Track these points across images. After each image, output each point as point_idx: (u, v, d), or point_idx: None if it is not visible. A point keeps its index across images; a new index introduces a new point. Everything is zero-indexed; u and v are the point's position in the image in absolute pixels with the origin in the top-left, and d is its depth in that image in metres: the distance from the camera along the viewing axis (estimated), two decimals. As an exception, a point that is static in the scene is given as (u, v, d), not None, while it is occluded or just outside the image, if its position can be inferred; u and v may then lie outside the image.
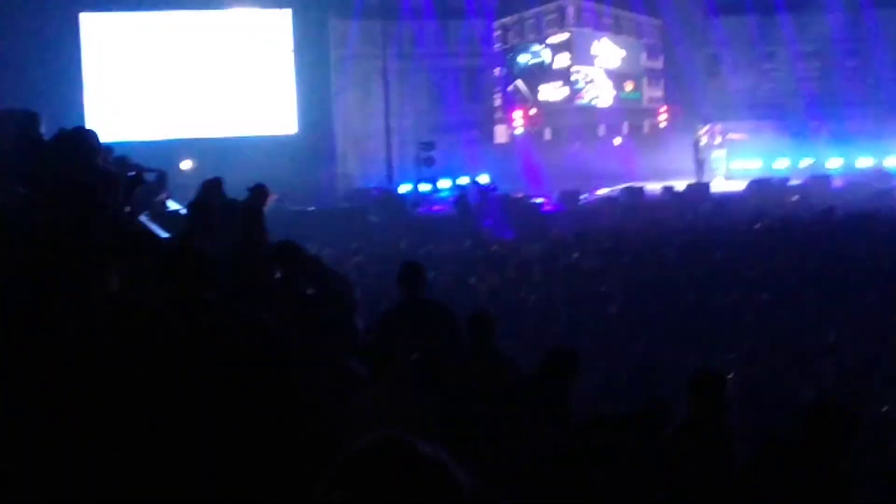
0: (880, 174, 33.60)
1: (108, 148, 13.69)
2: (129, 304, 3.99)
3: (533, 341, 12.80)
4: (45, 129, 12.09)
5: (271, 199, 12.53)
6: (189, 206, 11.48)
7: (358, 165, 33.61)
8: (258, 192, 12.56)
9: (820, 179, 32.74)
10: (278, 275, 8.22)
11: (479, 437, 6.22)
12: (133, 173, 12.16)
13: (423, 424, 5.32)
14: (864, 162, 35.57)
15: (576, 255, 21.36)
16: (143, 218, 12.09)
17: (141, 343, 3.66)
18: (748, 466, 6.45)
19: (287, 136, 32.33)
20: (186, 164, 29.19)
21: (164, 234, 10.92)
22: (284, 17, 31.88)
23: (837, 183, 32.57)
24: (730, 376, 8.92)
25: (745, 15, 37.42)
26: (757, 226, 24.47)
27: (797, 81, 38.36)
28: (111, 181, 7.64)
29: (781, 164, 35.80)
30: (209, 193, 12.84)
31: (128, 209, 10.79)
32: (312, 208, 27.52)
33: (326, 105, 33.16)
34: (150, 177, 14.33)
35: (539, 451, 6.41)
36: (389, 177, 31.55)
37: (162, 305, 4.15)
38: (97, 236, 5.14)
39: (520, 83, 38.06)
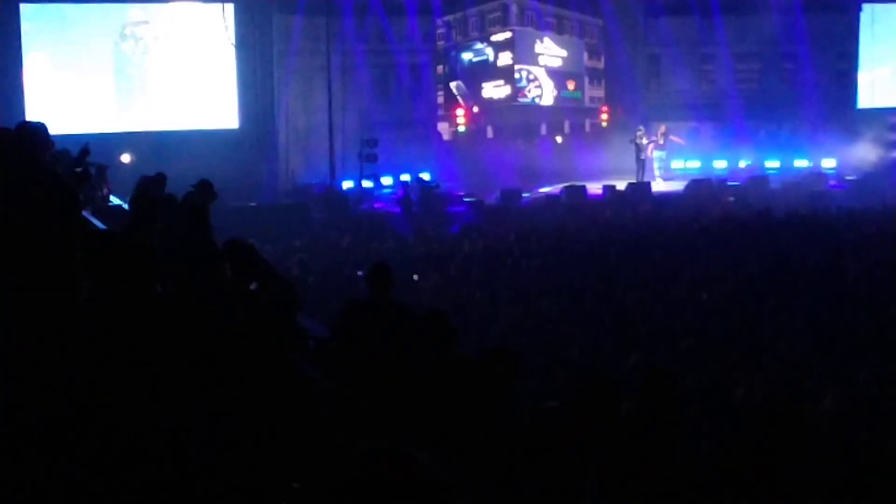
0: (817, 175, 34.11)
1: (51, 141, 13.61)
2: (101, 306, 4.02)
3: (476, 340, 12.87)
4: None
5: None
6: (131, 201, 11.43)
7: (301, 161, 33.55)
8: (203, 188, 12.55)
9: (758, 180, 33.15)
10: (227, 273, 8.22)
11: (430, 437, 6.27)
12: (80, 168, 12.10)
13: (371, 427, 5.37)
14: (801, 163, 36.09)
15: (517, 253, 21.50)
16: (85, 213, 12.03)
17: (109, 346, 3.69)
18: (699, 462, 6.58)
19: (228, 131, 32.23)
20: (126, 158, 28.97)
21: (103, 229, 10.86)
22: (227, 11, 31.72)
23: (775, 184, 32.99)
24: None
25: (686, 16, 37.75)
26: (695, 225, 24.74)
27: (736, 83, 38.78)
28: (62, 181, 7.62)
29: (720, 165, 36.21)
30: (151, 188, 12.81)
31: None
32: (254, 204, 27.44)
33: (269, 100, 33.06)
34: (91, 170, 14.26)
35: (491, 444, 6.48)
36: (332, 173, 31.51)
37: (117, 303, 4.17)
38: (58, 238, 5.14)
39: (454, 86, 38.15)
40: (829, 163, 36.01)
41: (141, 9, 31.76)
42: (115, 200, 15.90)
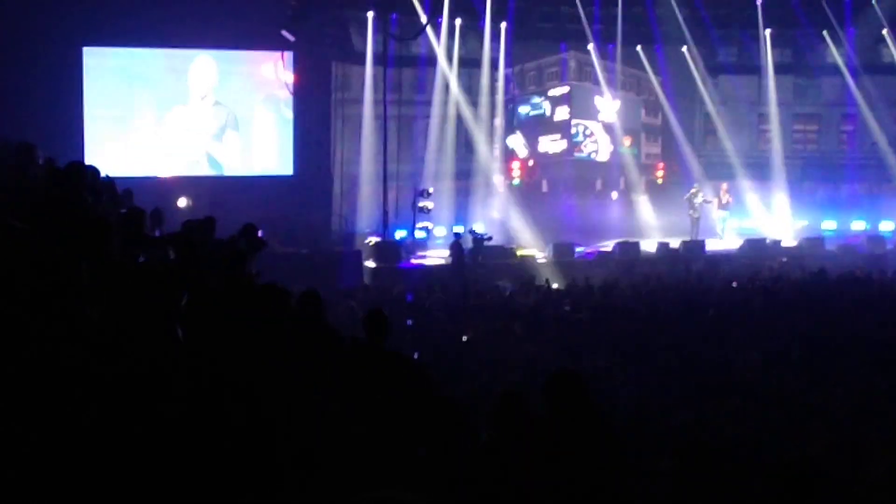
0: (873, 238, 33.73)
1: (111, 181, 13.73)
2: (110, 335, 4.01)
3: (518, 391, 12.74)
4: (44, 162, 12.13)
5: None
6: (173, 241, 11.48)
7: (354, 209, 33.66)
8: (245, 232, 12.59)
9: (813, 241, 32.85)
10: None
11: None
12: (124, 210, 12.18)
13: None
14: (858, 225, 35.71)
15: (567, 307, 21.38)
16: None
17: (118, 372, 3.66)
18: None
19: (284, 177, 32.43)
20: (183, 202, 29.25)
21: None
22: (286, 58, 31.99)
23: (831, 246, 32.67)
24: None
25: (743, 75, 37.69)
26: (749, 285, 24.52)
27: (793, 143, 38.58)
28: (104, 224, 7.65)
29: (776, 225, 35.89)
30: (198, 232, 12.85)
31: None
32: (306, 251, 27.53)
33: (324, 147, 33.29)
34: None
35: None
36: (385, 222, 31.57)
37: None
38: (88, 275, 5.15)
39: (510, 140, 38.23)
40: (887, 226, 35.62)
41: (203, 54, 32.11)
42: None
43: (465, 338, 18.12)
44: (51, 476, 3.34)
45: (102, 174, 12.87)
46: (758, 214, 36.07)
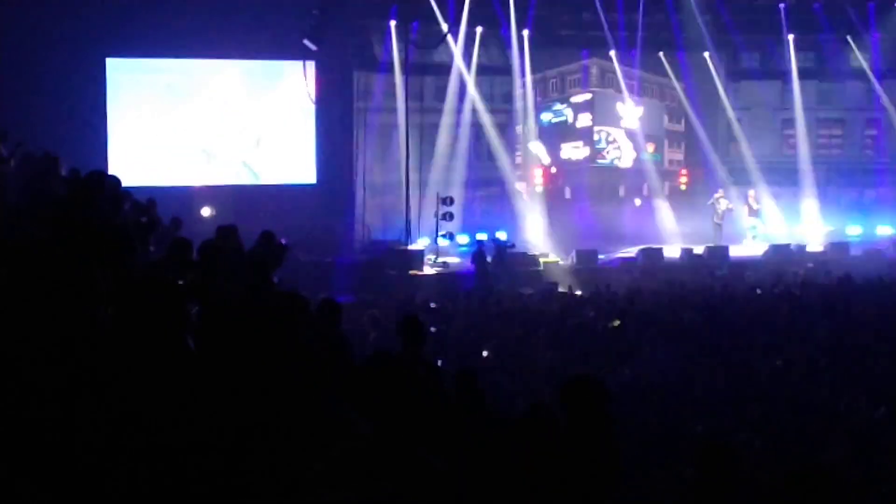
0: (899, 243, 33.55)
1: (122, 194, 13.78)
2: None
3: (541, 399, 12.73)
4: (68, 173, 12.20)
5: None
6: (197, 251, 11.49)
7: (377, 218, 33.69)
8: (263, 240, 12.61)
9: (838, 247, 32.70)
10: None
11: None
12: (145, 219, 12.22)
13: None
14: (884, 230, 35.50)
15: (591, 314, 21.33)
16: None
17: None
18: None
19: (307, 186, 32.52)
20: (206, 211, 29.39)
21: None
22: (308, 67, 32.08)
23: (856, 251, 32.50)
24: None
25: (767, 81, 37.62)
26: (774, 291, 24.43)
27: (817, 148, 38.43)
28: (125, 235, 7.66)
29: (801, 231, 35.70)
30: (219, 240, 12.88)
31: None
32: (329, 259, 27.58)
33: (347, 156, 33.37)
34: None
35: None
36: (408, 230, 31.56)
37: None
38: (104, 284, 5.16)
39: (532, 146, 38.19)
40: (912, 230, 35.45)
41: (225, 64, 32.24)
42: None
43: (484, 353, 18.03)
44: (53, 480, 3.35)
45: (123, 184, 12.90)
46: (782, 220, 35.84)
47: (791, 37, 36.30)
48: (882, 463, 10.84)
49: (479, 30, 34.77)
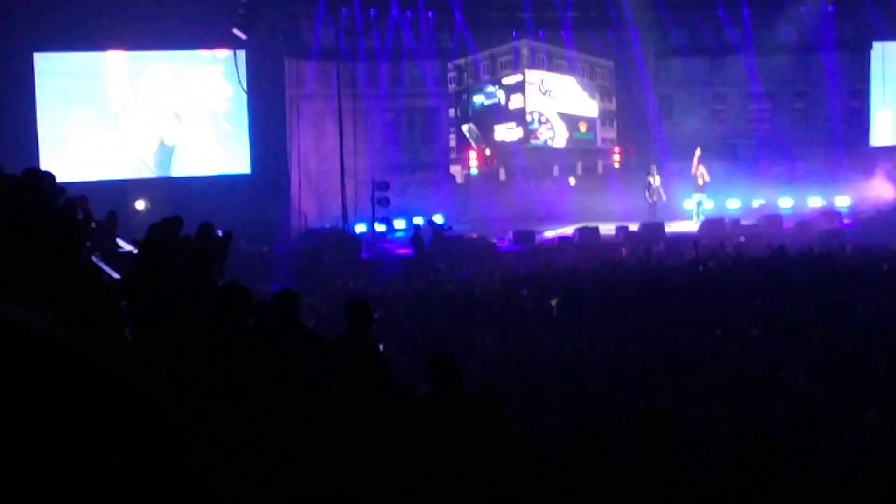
0: (830, 214, 33.96)
1: (58, 189, 13.61)
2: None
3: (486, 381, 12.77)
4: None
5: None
6: (140, 246, 11.40)
7: (313, 205, 33.54)
8: (200, 232, 12.53)
9: (771, 219, 33.04)
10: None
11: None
12: (81, 216, 12.10)
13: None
14: (815, 202, 35.93)
15: (527, 293, 21.44)
16: (95, 258, 12.00)
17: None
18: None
19: (241, 176, 32.36)
20: (141, 205, 29.15)
21: (115, 276, 10.82)
22: (239, 57, 31.88)
23: (788, 223, 32.86)
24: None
25: (696, 56, 37.91)
26: (710, 264, 24.66)
27: (748, 122, 38.83)
28: (67, 225, 7.60)
29: (733, 205, 36.02)
30: (163, 233, 12.79)
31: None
32: (266, 248, 27.48)
33: (281, 145, 33.18)
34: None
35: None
36: (345, 217, 31.50)
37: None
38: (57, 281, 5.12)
39: (466, 128, 38.22)
40: (843, 201, 35.89)
41: (153, 56, 31.95)
42: (125, 246, 15.86)
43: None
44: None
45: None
46: (714, 195, 36.10)
47: (720, 12, 36.65)
48: (823, 432, 11.00)
49: (408, 14, 34.70)
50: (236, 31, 30.17)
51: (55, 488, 3.12)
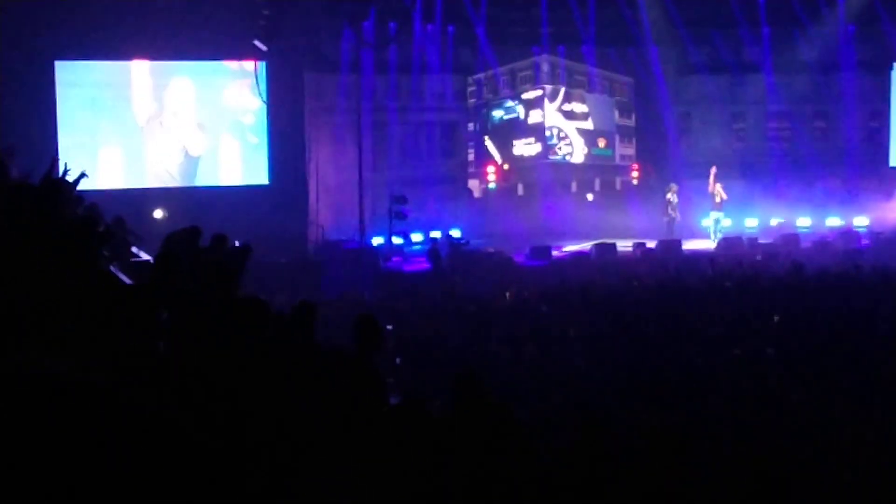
0: (849, 234, 33.93)
1: (80, 197, 13.70)
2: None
3: (499, 396, 12.78)
4: (19, 175, 12.11)
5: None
6: (156, 257, 11.46)
7: (331, 218, 33.61)
8: (214, 243, 12.57)
9: (789, 238, 33.01)
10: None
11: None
12: (101, 228, 12.17)
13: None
14: (833, 222, 35.89)
15: (547, 309, 21.44)
16: (112, 267, 12.06)
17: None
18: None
19: (259, 187, 32.45)
20: (159, 214, 29.27)
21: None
22: (259, 68, 32.02)
23: (806, 242, 32.83)
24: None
25: (717, 74, 37.92)
26: (727, 283, 24.61)
27: (766, 141, 38.79)
28: (88, 232, 7.66)
29: (751, 223, 36.00)
30: (180, 243, 12.84)
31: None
32: (284, 260, 27.54)
33: (299, 156, 33.27)
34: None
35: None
36: (362, 230, 31.57)
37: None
38: (73, 286, 5.16)
39: (488, 142, 38.26)
40: (861, 221, 35.85)
41: (175, 66, 32.09)
42: (143, 255, 15.93)
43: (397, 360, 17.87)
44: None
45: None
46: (733, 213, 36.07)
47: (740, 31, 36.73)
48: (836, 451, 10.98)
49: (428, 28, 34.82)
50: (257, 43, 30.27)
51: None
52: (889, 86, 38.75)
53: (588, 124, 38.64)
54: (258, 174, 32.83)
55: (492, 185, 37.74)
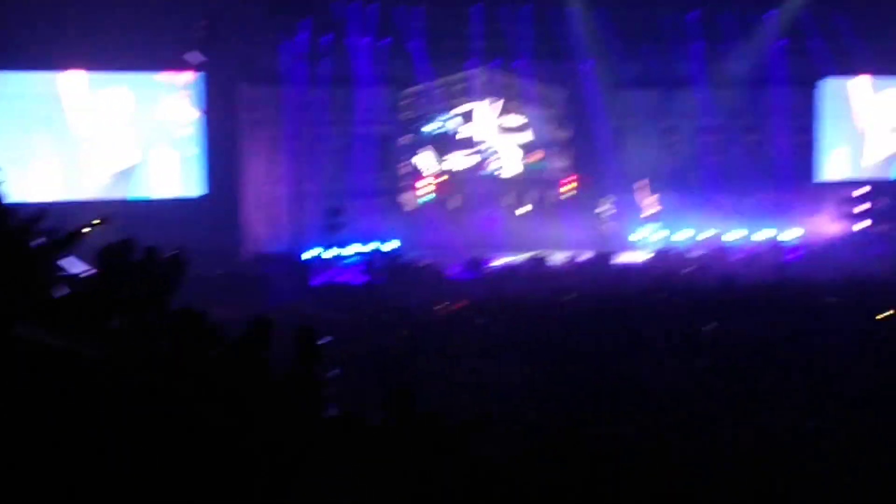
0: (779, 246, 34.46)
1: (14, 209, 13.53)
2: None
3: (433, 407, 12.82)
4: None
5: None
6: (96, 269, 11.39)
7: (265, 230, 33.49)
8: (148, 256, 12.49)
9: (721, 251, 33.42)
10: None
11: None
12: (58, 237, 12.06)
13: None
14: (764, 234, 36.36)
15: (480, 321, 21.55)
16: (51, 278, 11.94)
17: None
18: None
19: (193, 199, 32.25)
20: (90, 227, 28.92)
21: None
22: (194, 79, 31.84)
23: (737, 255, 33.25)
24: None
25: (650, 88, 38.24)
26: (658, 295, 24.87)
27: (698, 155, 39.16)
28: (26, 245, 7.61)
29: (683, 236, 36.35)
30: (116, 255, 12.73)
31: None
32: (218, 272, 27.39)
33: (234, 168, 33.10)
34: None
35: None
36: (296, 242, 31.49)
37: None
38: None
39: (422, 155, 38.23)
40: (791, 234, 36.35)
41: (111, 77, 31.82)
42: (77, 268, 15.76)
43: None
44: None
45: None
46: (666, 226, 36.40)
47: (671, 46, 37.14)
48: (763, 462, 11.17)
49: (363, 41, 34.79)
50: (192, 55, 30.14)
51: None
52: (817, 100, 39.34)
53: (523, 137, 38.81)
54: (193, 186, 32.63)
55: (426, 198, 37.76)
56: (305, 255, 31.84)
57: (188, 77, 31.87)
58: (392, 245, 33.12)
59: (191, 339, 7.91)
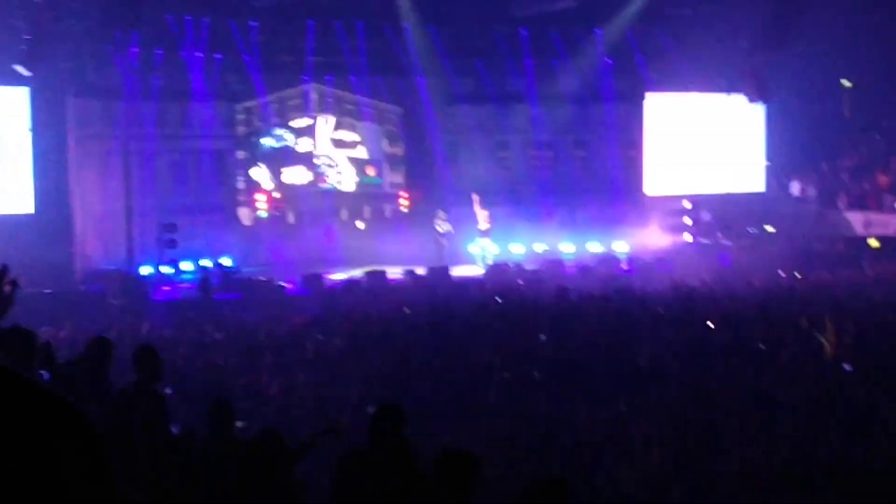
0: (610, 259, 35.33)
1: None
2: None
3: (270, 423, 12.84)
4: None
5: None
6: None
7: (98, 246, 32.88)
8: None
9: (554, 264, 34.06)
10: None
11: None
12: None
13: None
14: (595, 248, 37.18)
15: (320, 337, 21.55)
16: None
17: None
18: None
19: (24, 216, 31.43)
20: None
21: None
22: (21, 95, 31.12)
23: (570, 268, 33.95)
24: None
25: (481, 104, 38.74)
26: (493, 308, 25.22)
27: (530, 169, 39.82)
28: None
29: (517, 250, 36.89)
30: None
31: None
32: (49, 290, 26.80)
33: (64, 184, 32.36)
34: None
35: None
36: (130, 259, 31.02)
37: None
38: None
39: (258, 170, 38.02)
40: (621, 247, 37.25)
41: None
42: None
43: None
44: None
45: None
46: (499, 240, 36.87)
47: (504, 62, 37.72)
48: (603, 470, 11.46)
49: (196, 54, 34.47)
50: (18, 68, 29.45)
51: None
52: (642, 115, 40.38)
53: (358, 153, 38.97)
54: (23, 203, 31.75)
55: (262, 214, 37.59)
56: (140, 272, 31.39)
57: (16, 92, 31.09)
58: (228, 261, 32.89)
59: (21, 358, 7.78)
